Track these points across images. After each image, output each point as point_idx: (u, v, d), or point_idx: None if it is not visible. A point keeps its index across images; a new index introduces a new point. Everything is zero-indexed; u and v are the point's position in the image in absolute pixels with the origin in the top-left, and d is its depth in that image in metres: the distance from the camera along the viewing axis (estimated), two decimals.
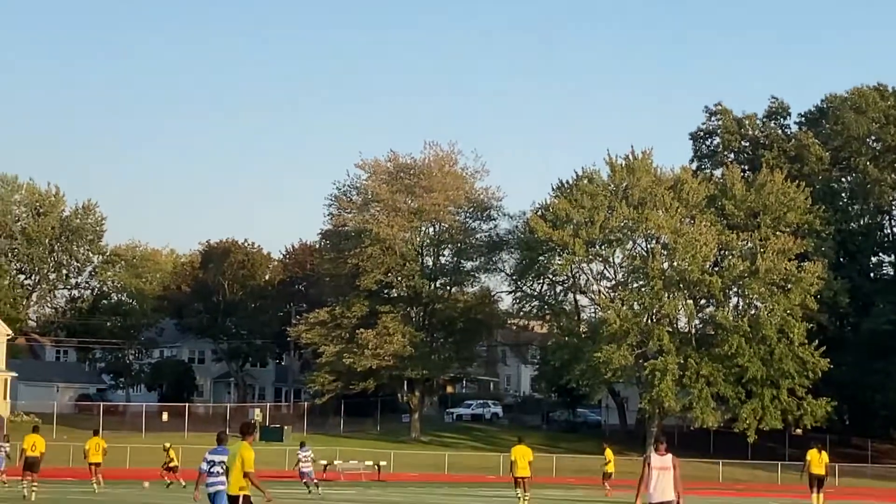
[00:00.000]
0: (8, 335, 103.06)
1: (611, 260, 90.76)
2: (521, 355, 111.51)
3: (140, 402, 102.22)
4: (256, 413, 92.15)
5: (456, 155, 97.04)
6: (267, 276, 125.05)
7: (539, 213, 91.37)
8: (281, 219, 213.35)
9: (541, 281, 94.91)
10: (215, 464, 21.42)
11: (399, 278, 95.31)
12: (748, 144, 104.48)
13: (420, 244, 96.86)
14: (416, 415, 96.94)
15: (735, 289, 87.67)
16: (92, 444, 42.08)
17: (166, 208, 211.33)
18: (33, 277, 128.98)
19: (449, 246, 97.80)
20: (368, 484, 57.18)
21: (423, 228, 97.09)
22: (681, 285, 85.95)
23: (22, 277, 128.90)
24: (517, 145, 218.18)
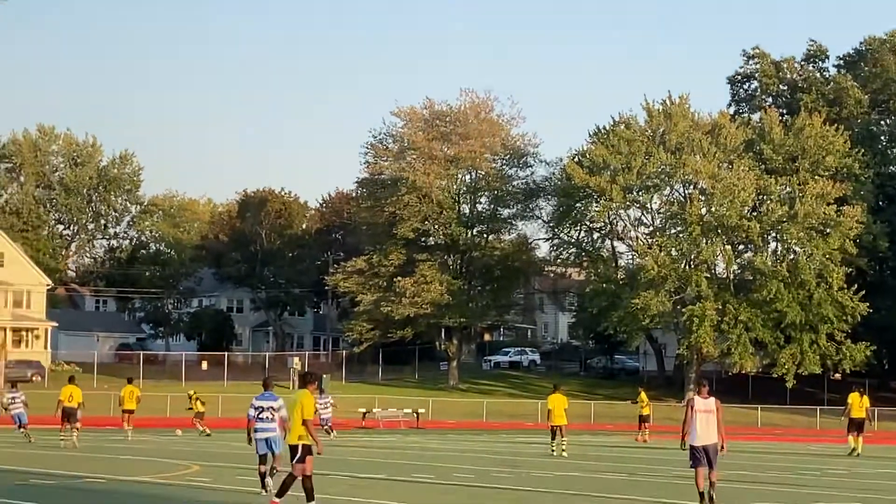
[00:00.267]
0: (48, 285, 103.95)
1: (648, 206, 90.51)
2: (559, 302, 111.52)
3: (179, 352, 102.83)
4: (295, 361, 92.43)
5: (492, 102, 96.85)
6: (304, 225, 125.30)
7: (576, 160, 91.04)
8: (318, 168, 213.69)
9: (578, 228, 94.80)
10: (263, 409, 21.39)
11: (436, 226, 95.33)
12: (786, 88, 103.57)
13: (457, 192, 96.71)
14: (454, 363, 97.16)
15: (773, 234, 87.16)
16: (126, 392, 42.42)
17: (203, 158, 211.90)
18: (72, 228, 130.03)
19: (486, 193, 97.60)
20: (407, 432, 57.35)
21: (460, 176, 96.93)
22: (719, 231, 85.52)
23: (61, 228, 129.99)
24: (553, 92, 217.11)
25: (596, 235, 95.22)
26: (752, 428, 69.21)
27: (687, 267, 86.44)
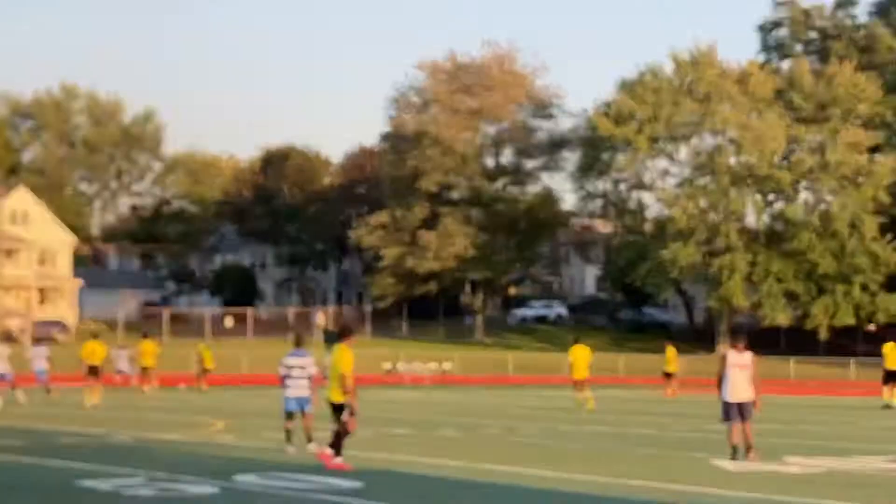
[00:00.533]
0: (73, 244, 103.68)
1: (675, 156, 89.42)
2: (585, 255, 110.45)
3: (204, 308, 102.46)
4: (319, 316, 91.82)
5: (515, 53, 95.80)
6: (327, 181, 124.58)
7: (602, 111, 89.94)
8: (340, 123, 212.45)
9: (604, 179, 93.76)
10: (294, 367, 20.56)
11: (460, 179, 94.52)
12: (817, 35, 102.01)
13: (480, 144, 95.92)
14: (480, 317, 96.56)
15: (805, 183, 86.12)
16: (142, 348, 41.97)
17: (225, 115, 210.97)
18: (95, 186, 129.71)
19: (510, 145, 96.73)
20: (433, 386, 56.74)
21: (483, 128, 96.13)
22: (748, 181, 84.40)
23: (84, 186, 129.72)
24: (578, 43, 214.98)
25: (622, 187, 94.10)
26: (786, 380, 68.22)
27: (716, 218, 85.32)
